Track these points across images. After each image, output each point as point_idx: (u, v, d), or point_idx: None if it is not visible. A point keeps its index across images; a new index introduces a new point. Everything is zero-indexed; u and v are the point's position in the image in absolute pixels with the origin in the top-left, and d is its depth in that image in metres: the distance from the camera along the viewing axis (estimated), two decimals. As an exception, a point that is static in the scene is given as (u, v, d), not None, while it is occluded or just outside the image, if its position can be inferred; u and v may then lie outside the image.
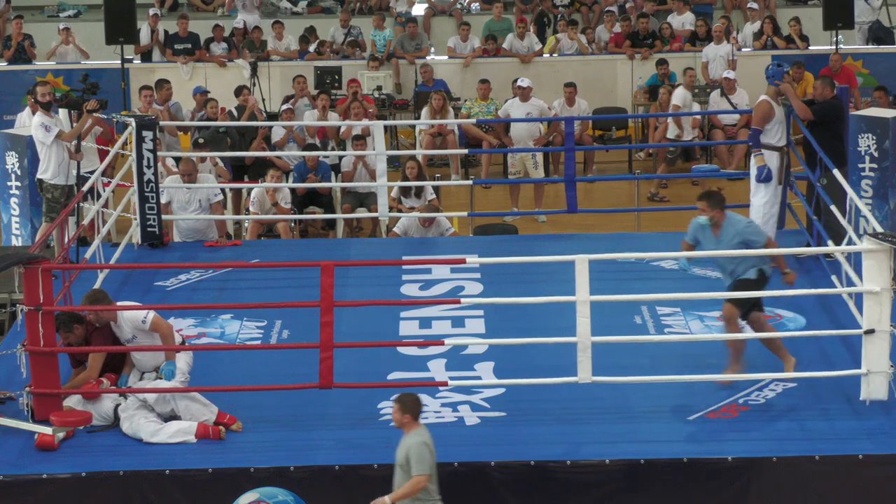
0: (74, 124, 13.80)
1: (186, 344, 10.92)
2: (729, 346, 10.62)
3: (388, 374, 10.83)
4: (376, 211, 15.44)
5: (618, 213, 17.16)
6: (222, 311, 12.22)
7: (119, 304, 10.63)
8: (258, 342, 11.72)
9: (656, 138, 19.72)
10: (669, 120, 18.97)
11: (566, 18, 22.67)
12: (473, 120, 18.67)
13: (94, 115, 13.96)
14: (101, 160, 14.78)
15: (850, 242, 11.59)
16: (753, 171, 13.12)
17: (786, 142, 13.25)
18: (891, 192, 15.95)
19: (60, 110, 14.04)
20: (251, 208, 15.87)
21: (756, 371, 10.57)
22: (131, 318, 10.37)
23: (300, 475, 9.42)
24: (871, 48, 22.46)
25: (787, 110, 13.48)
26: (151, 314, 10.38)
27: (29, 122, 16.90)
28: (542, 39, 22.37)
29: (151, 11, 22.18)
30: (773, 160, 13.07)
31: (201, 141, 17.14)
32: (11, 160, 15.86)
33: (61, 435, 9.78)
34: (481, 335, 11.52)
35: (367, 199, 16.62)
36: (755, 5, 22.66)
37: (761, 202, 13.03)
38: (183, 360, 10.44)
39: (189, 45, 21.77)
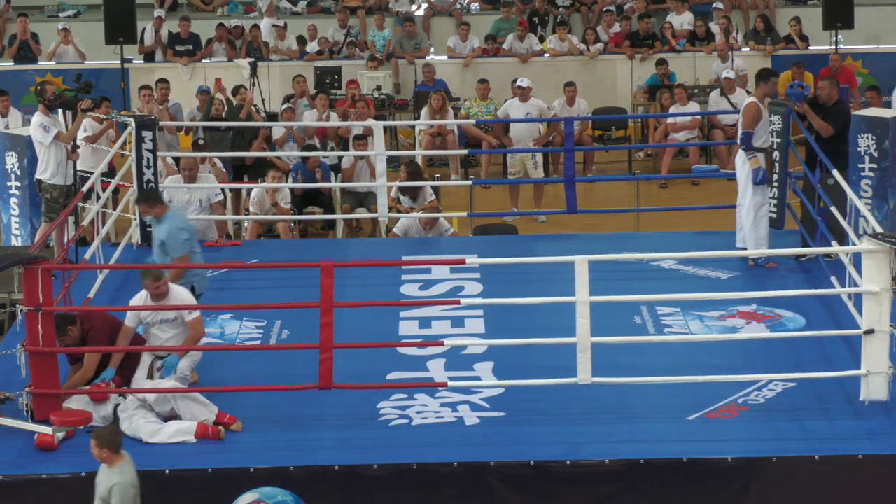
0: (70, 124, 13.82)
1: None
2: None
3: (388, 375, 10.83)
4: (376, 211, 15.45)
5: (618, 213, 17.15)
6: (222, 311, 12.22)
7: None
8: (258, 342, 11.72)
9: (656, 138, 19.75)
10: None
11: (565, 19, 22.68)
12: (473, 120, 18.67)
13: (91, 113, 13.99)
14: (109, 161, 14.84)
15: (850, 243, 11.61)
16: (742, 174, 13.13)
17: (770, 142, 13.22)
18: (891, 192, 15.94)
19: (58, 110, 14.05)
20: (251, 208, 15.88)
21: (755, 371, 10.57)
22: (185, 298, 10.47)
23: (300, 475, 9.42)
24: (871, 48, 22.47)
25: (786, 112, 13.48)
26: (198, 313, 10.47)
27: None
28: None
29: (156, 13, 22.19)
30: (760, 162, 13.08)
31: (202, 142, 17.16)
32: (11, 160, 15.86)
33: (61, 435, 9.78)
34: (481, 335, 11.52)
35: (367, 199, 16.63)
36: (720, 5, 22.66)
37: (752, 203, 13.06)
38: (187, 361, 10.45)
39: (190, 47, 21.80)
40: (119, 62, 20.77)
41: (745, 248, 13.14)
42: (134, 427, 9.93)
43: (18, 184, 15.84)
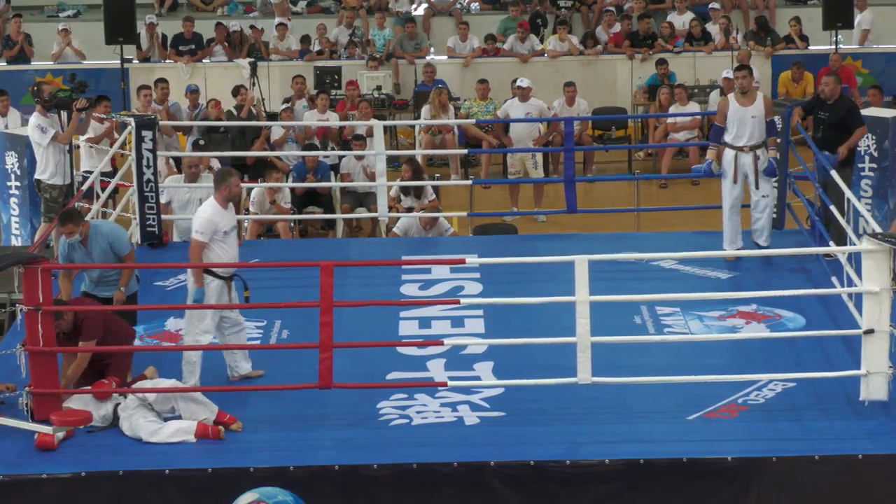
0: (67, 124, 13.82)
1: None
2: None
3: (388, 374, 10.83)
4: (376, 211, 15.44)
5: (618, 213, 17.16)
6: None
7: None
8: (258, 342, 11.71)
9: (656, 138, 19.75)
10: None
11: (566, 19, 22.68)
12: (473, 120, 18.68)
13: (91, 112, 14.01)
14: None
15: (850, 243, 11.61)
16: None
17: (746, 143, 13.05)
18: (890, 192, 15.95)
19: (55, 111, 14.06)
20: (251, 208, 15.88)
21: (755, 371, 10.57)
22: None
23: (300, 475, 9.41)
24: (871, 48, 22.48)
25: (787, 112, 13.51)
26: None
27: None
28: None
29: (148, 20, 22.15)
30: (725, 157, 13.12)
31: (202, 143, 17.16)
32: (11, 160, 15.87)
33: (61, 435, 9.77)
34: (481, 335, 11.52)
35: (367, 199, 16.63)
36: (717, 5, 22.67)
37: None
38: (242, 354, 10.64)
39: (193, 47, 21.82)
40: (119, 62, 20.78)
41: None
42: (134, 426, 9.93)
43: (18, 184, 15.84)
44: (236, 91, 18.60)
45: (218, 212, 10.69)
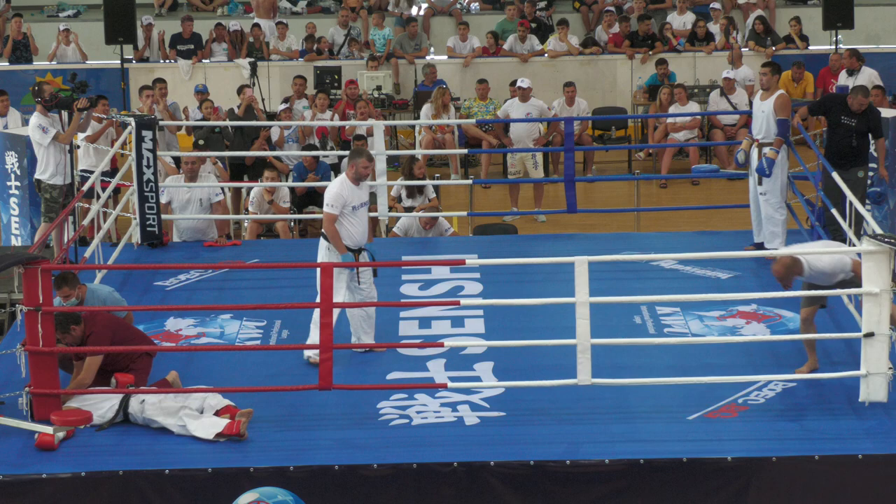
0: (67, 124, 13.82)
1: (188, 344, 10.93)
2: None
3: (388, 375, 10.83)
4: (376, 211, 15.44)
5: (618, 213, 17.16)
6: (222, 311, 12.22)
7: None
8: (258, 342, 11.71)
9: (656, 138, 19.76)
10: None
11: (545, 20, 22.69)
12: (473, 120, 18.69)
13: (91, 112, 14.01)
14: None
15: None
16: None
17: (756, 136, 13.32)
18: (891, 192, 15.94)
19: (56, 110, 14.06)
20: (250, 208, 15.87)
21: (755, 371, 10.57)
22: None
23: (300, 475, 9.42)
24: (871, 48, 22.47)
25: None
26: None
27: None
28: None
29: (145, 21, 22.14)
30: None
31: (201, 143, 17.16)
32: (11, 160, 15.87)
33: (61, 435, 9.78)
34: (481, 335, 11.52)
35: (367, 199, 16.61)
36: (717, 5, 22.69)
37: None
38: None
39: (192, 46, 21.82)
40: (119, 62, 20.78)
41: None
42: (166, 410, 9.88)
43: (18, 184, 15.85)
44: (240, 91, 18.60)
45: (347, 187, 11.03)
